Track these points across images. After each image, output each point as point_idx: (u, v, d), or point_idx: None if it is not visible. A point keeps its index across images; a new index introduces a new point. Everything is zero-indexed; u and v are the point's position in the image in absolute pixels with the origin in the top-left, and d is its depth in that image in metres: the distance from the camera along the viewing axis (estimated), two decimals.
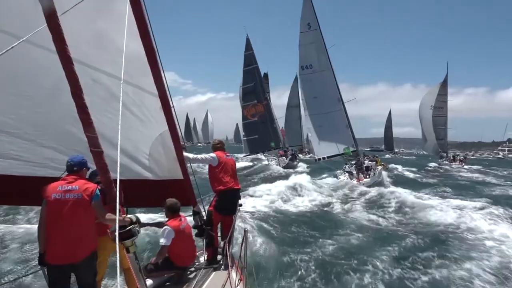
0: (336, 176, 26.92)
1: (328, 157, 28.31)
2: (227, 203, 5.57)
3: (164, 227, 4.72)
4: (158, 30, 4.59)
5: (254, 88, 43.61)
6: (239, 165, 40.27)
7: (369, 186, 22.95)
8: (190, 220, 5.35)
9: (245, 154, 46.64)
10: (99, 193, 3.63)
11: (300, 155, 46.48)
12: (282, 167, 37.57)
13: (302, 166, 39.43)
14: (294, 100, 55.09)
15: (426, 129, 53.87)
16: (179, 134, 4.69)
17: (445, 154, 52.79)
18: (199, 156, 5.54)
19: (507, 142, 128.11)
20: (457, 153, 61.99)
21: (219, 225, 5.64)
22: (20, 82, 3.91)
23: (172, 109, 4.51)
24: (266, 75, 46.14)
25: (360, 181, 24.27)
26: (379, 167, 27.29)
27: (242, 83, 44.67)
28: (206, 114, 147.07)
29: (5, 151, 4.14)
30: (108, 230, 3.32)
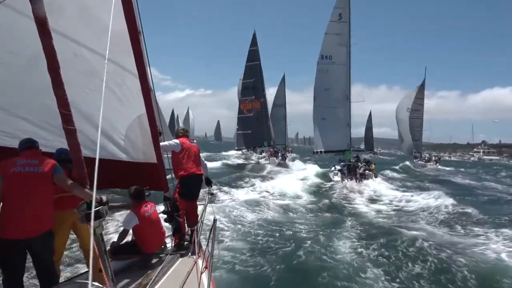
0: (329, 176, 27.22)
1: (325, 151, 28.79)
2: (190, 188, 5.61)
3: (128, 211, 4.73)
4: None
5: (254, 84, 44.39)
6: (231, 163, 40.84)
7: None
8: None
9: (236, 148, 47.77)
10: (60, 167, 3.59)
11: (288, 154, 47.28)
12: (275, 165, 38.33)
13: (294, 165, 40.17)
14: (279, 99, 55.98)
15: (403, 130, 55.90)
16: (157, 118, 4.62)
17: (419, 155, 55.04)
18: (161, 143, 5.51)
19: (482, 144, 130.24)
20: (434, 154, 65.53)
21: (185, 212, 5.67)
22: None
23: (151, 92, 4.44)
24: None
25: (356, 182, 24.89)
26: (372, 178, 27.41)
27: (243, 77, 45.64)
28: (188, 110, 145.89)
29: None
30: (75, 210, 3.27)
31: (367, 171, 26.95)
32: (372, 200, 19.75)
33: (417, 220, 14.63)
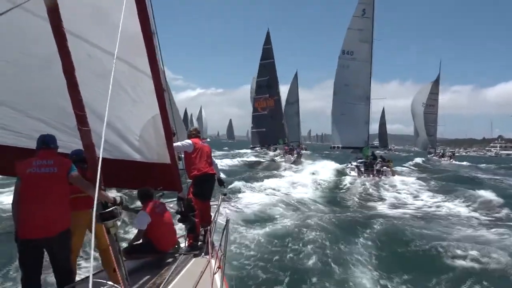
0: (345, 172, 26.90)
1: (343, 147, 28.75)
2: (203, 188, 5.67)
3: (140, 211, 4.77)
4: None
5: (268, 82, 44.84)
6: (248, 160, 41.09)
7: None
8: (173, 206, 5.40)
9: (251, 146, 48.27)
10: (75, 167, 3.62)
11: (302, 151, 47.45)
12: (290, 163, 38.38)
13: (309, 162, 39.91)
14: (292, 96, 55.77)
15: (418, 125, 55.35)
16: (170, 119, 4.63)
17: (433, 150, 54.60)
18: (174, 144, 5.54)
19: (499, 139, 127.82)
20: (449, 150, 65.81)
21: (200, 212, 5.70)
22: (11, 49, 3.82)
23: (165, 93, 4.47)
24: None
25: (372, 178, 24.65)
26: (390, 175, 27.09)
27: (257, 76, 46.01)
28: (200, 110, 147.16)
29: None
30: (90, 210, 3.31)
31: (384, 167, 26.59)
32: (392, 199, 19.15)
33: (443, 222, 13.70)
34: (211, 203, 5.96)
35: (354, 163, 26.97)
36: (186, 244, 5.39)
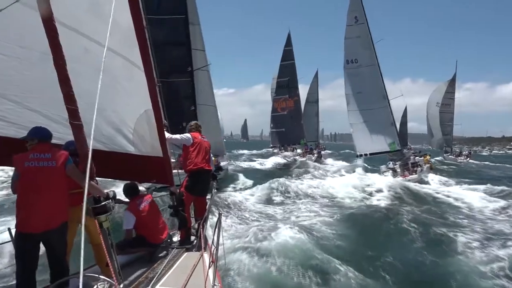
0: (380, 172, 26.54)
1: (371, 154, 27.86)
2: (198, 184, 5.65)
3: (124, 212, 4.88)
4: None
5: (288, 83, 45.68)
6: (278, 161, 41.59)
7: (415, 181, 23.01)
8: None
9: (271, 145, 49.17)
10: (71, 159, 3.67)
11: (322, 151, 47.56)
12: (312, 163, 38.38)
13: (332, 163, 40.57)
14: (312, 96, 55.45)
15: (433, 125, 54.57)
16: (162, 112, 4.67)
17: (449, 149, 53.85)
18: (173, 136, 5.57)
19: None
20: (466, 148, 65.93)
21: (192, 206, 5.74)
22: (9, 42, 3.86)
23: (157, 87, 4.50)
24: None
25: (406, 177, 23.85)
26: (426, 165, 26.71)
27: (277, 76, 46.75)
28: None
29: None
30: (81, 204, 3.36)
31: (417, 158, 26.15)
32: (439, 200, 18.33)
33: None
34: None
35: (391, 166, 26.34)
36: (178, 239, 5.43)
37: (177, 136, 5.58)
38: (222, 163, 23.72)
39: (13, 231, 3.67)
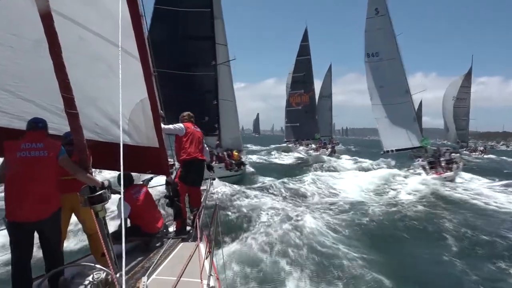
0: (412, 168, 25.30)
1: (397, 150, 27.20)
2: (192, 174, 5.67)
3: (118, 201, 4.80)
4: None
5: (304, 78, 46.65)
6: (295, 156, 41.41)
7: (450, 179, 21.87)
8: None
9: (285, 140, 49.78)
10: (64, 150, 3.66)
11: (337, 146, 47.85)
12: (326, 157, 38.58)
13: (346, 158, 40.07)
14: (326, 90, 55.87)
15: (449, 120, 53.79)
16: (158, 102, 4.62)
17: (465, 144, 53.09)
18: (166, 126, 5.56)
19: None
20: (480, 143, 62.94)
21: (186, 196, 5.73)
22: (2, 30, 3.82)
23: (153, 77, 4.45)
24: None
25: (441, 175, 22.33)
26: (461, 163, 25.38)
27: (293, 71, 47.72)
28: None
29: None
30: (78, 194, 3.34)
31: (452, 154, 25.25)
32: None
33: None
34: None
35: (420, 161, 25.19)
36: (174, 229, 5.43)
37: (170, 126, 5.58)
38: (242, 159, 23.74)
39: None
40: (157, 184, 5.89)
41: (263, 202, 13.50)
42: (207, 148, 6.18)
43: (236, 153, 23.14)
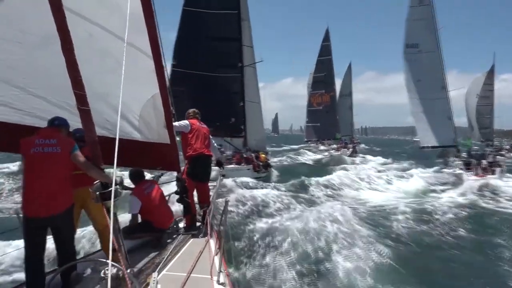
0: (451, 167, 24.02)
1: (433, 147, 26.65)
2: (199, 169, 5.68)
3: (129, 197, 4.86)
4: None
5: (325, 78, 46.64)
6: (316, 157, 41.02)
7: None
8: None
9: (306, 140, 49.71)
10: (77, 146, 3.67)
11: (358, 146, 47.59)
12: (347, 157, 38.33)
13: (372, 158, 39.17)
14: (346, 89, 55.73)
15: (473, 118, 52.50)
16: (169, 99, 4.61)
17: (491, 143, 51.56)
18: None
19: None
20: (508, 142, 61.48)
21: (195, 192, 5.77)
22: (11, 27, 3.85)
23: (165, 73, 4.45)
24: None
25: (482, 177, 20.61)
26: (505, 166, 23.23)
27: (314, 71, 47.83)
28: None
29: None
30: (90, 190, 3.34)
31: (498, 156, 23.69)
32: None
33: None
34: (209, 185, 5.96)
35: (457, 161, 24.08)
36: (184, 225, 5.44)
37: (175, 123, 5.58)
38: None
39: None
40: (168, 181, 5.90)
41: (277, 200, 13.37)
42: (215, 145, 6.19)
43: (263, 155, 23.29)
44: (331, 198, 15.86)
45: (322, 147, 46.80)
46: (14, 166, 20.05)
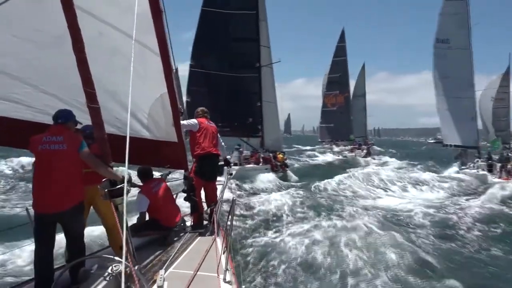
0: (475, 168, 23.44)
1: (456, 146, 26.21)
2: (206, 168, 5.70)
3: (137, 195, 4.88)
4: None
5: (340, 79, 46.64)
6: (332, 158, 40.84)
7: None
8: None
9: (320, 140, 49.84)
10: (85, 143, 3.68)
11: (372, 148, 47.79)
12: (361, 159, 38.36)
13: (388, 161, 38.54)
14: (359, 89, 54.82)
15: (488, 121, 51.69)
16: (177, 98, 4.64)
17: (508, 146, 50.50)
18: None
19: None
20: None
21: (202, 191, 5.77)
22: (25, 26, 3.88)
23: (173, 72, 4.47)
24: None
25: (508, 180, 20.13)
26: None
27: (329, 72, 47.84)
28: None
29: (7, 93, 4.17)
30: (98, 187, 3.36)
31: None
32: None
33: None
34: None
35: (480, 162, 23.42)
36: (191, 223, 5.46)
37: (184, 122, 5.60)
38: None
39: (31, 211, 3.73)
40: (175, 179, 5.93)
41: (285, 201, 13.33)
42: (223, 144, 6.21)
43: (281, 155, 23.38)
44: (348, 204, 14.82)
45: (336, 149, 46.56)
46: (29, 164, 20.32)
